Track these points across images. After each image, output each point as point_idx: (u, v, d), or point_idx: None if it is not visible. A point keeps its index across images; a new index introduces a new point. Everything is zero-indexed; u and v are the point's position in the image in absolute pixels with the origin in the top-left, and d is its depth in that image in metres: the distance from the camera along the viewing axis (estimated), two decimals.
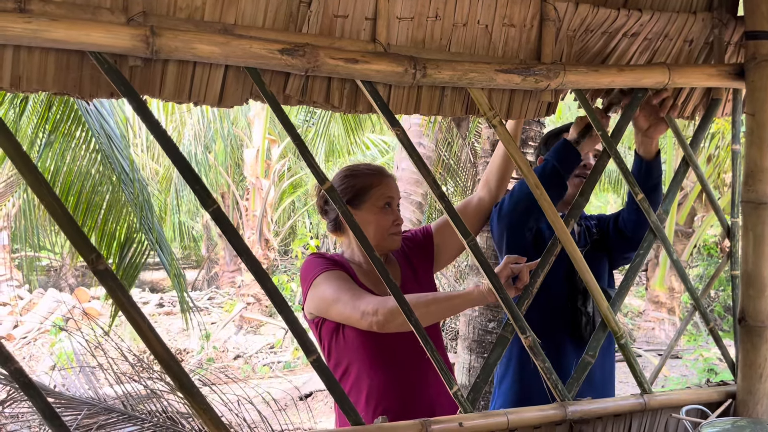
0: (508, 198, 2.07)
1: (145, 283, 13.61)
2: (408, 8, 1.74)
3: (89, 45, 1.40)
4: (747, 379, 1.95)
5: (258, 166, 11.70)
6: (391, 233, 1.97)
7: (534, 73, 1.79)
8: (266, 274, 1.52)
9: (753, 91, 1.92)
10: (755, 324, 1.92)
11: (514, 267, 1.77)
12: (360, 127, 9.03)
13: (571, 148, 2.01)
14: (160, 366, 1.46)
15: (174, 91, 1.55)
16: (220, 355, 9.43)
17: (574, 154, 2.01)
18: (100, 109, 3.88)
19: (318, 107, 1.74)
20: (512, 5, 1.84)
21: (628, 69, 1.92)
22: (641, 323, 9.70)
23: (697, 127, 2.11)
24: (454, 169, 7.19)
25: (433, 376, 1.84)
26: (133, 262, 4.37)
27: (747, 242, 1.93)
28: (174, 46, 1.45)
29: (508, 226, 2.07)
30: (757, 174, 1.91)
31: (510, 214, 2.05)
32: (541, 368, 1.79)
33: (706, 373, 6.85)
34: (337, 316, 1.89)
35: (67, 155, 4.05)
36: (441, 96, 1.82)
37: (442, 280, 8.14)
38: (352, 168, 2.02)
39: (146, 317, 1.41)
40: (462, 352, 3.48)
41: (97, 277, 1.38)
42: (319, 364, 1.55)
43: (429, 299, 1.82)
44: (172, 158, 1.50)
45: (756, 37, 1.92)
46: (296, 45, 1.56)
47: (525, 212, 2.02)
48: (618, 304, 1.95)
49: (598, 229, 2.29)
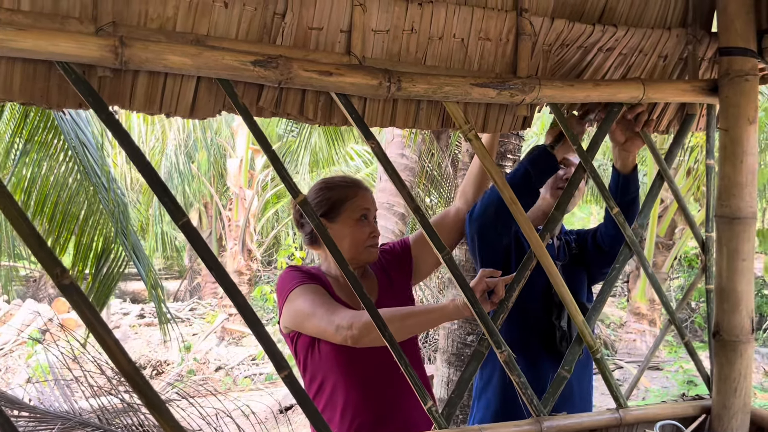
0: (479, 202, 2.06)
1: (126, 294, 13.46)
2: (383, 21, 1.74)
3: (57, 55, 1.38)
4: (722, 393, 1.95)
5: (241, 176, 11.65)
6: (367, 246, 1.95)
7: (509, 87, 1.79)
8: (237, 289, 1.50)
9: (726, 106, 1.94)
10: (729, 338, 1.92)
11: (489, 281, 1.76)
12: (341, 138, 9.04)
13: (547, 154, 2.00)
14: (127, 382, 1.42)
15: (144, 102, 1.53)
16: (200, 367, 9.32)
17: (549, 158, 2.01)
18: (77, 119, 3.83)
19: (292, 119, 1.72)
20: (488, 19, 1.84)
21: (604, 84, 1.93)
22: (623, 335, 9.75)
23: (672, 142, 2.12)
24: (438, 180, 7.20)
25: (409, 391, 1.82)
26: (110, 272, 4.32)
27: (721, 257, 1.94)
28: (144, 56, 1.43)
29: (478, 229, 2.06)
30: (731, 189, 1.91)
31: (480, 217, 2.04)
32: (516, 383, 1.78)
33: (686, 385, 6.88)
34: (312, 330, 1.87)
35: (44, 164, 4.00)
36: (417, 109, 1.81)
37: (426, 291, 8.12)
38: (327, 180, 2.01)
39: (112, 332, 1.38)
40: (441, 365, 3.46)
41: (62, 291, 1.35)
42: (291, 380, 1.53)
43: (405, 313, 1.80)
44: (140, 170, 1.47)
45: (729, 54, 1.93)
46: (269, 57, 1.54)
47: (495, 215, 2.00)
48: (594, 319, 1.95)
49: (578, 244, 2.29)
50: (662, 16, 2.04)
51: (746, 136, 1.91)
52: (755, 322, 1.95)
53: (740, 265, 1.92)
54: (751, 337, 1.93)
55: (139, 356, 9.47)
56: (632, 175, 2.08)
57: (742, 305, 1.92)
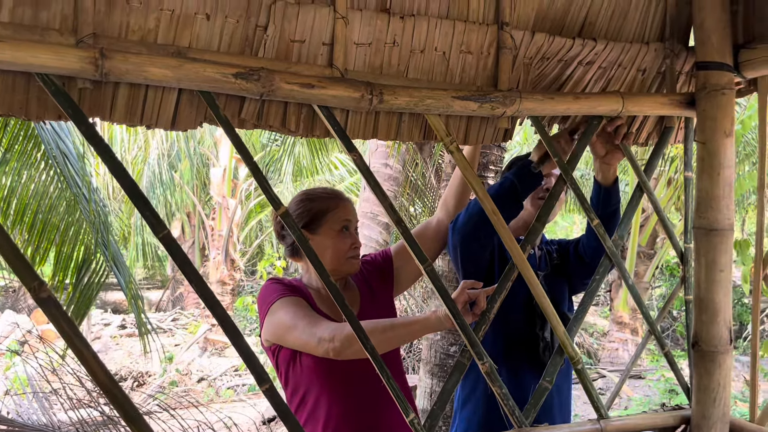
0: (463, 213, 2.07)
1: (108, 304, 13.31)
2: (366, 34, 1.75)
3: (36, 66, 1.37)
4: (701, 403, 1.97)
5: (225, 186, 11.60)
6: (349, 257, 1.95)
7: (490, 100, 1.80)
8: (217, 301, 1.49)
9: (703, 120, 1.97)
10: (708, 349, 1.94)
11: (471, 292, 1.76)
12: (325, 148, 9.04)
13: (534, 169, 2.02)
14: (105, 396, 1.41)
15: (125, 114, 1.53)
16: (183, 379, 9.23)
17: (535, 175, 2.02)
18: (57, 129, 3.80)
19: (274, 131, 1.72)
20: (469, 33, 1.85)
21: (583, 97, 1.95)
22: (605, 344, 9.81)
23: (651, 154, 2.15)
24: (422, 189, 7.22)
25: (391, 403, 1.81)
26: (90, 282, 4.27)
27: (699, 268, 1.96)
28: (124, 68, 1.43)
29: (461, 240, 2.06)
30: (708, 201, 1.94)
31: (463, 228, 2.04)
32: (498, 394, 1.78)
33: (668, 394, 6.94)
34: (293, 342, 1.86)
35: (24, 174, 3.96)
36: (399, 121, 1.82)
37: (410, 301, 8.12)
38: (308, 192, 2.00)
39: (90, 346, 1.37)
40: (424, 376, 3.46)
41: (40, 305, 1.33)
42: (272, 394, 1.52)
43: (386, 325, 1.80)
44: (121, 182, 1.46)
45: (706, 68, 1.96)
46: (251, 69, 1.54)
47: (478, 226, 2.01)
48: (575, 330, 1.96)
49: (559, 254, 2.30)
50: (641, 30, 2.07)
51: (723, 149, 1.94)
52: (736, 330, 1.97)
53: (718, 276, 1.94)
54: (730, 347, 1.96)
55: (120, 367, 9.37)
56: (613, 187, 2.10)
57: (720, 316, 1.94)
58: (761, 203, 2.06)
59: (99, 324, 11.44)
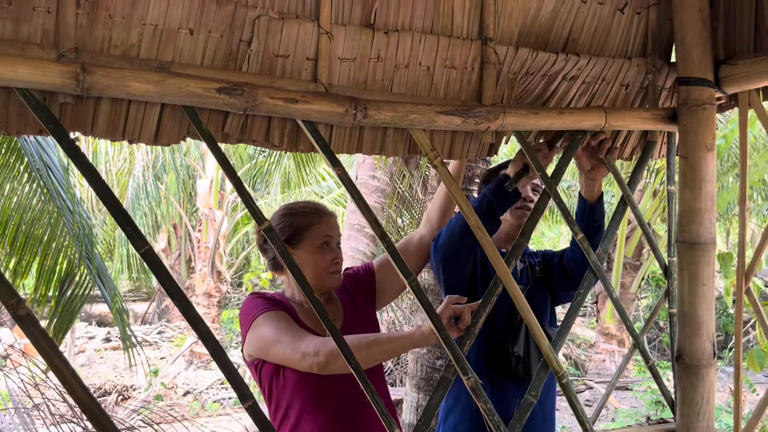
0: (444, 231, 2.07)
1: (92, 317, 13.16)
2: (350, 49, 1.75)
3: (16, 81, 1.36)
4: (685, 417, 1.97)
5: (211, 197, 11.54)
6: (330, 272, 1.94)
7: (474, 115, 1.81)
8: (200, 318, 1.48)
9: (685, 134, 1.99)
10: (692, 362, 1.95)
11: (456, 307, 1.76)
12: (311, 160, 9.03)
13: (508, 188, 2.02)
14: (85, 414, 1.39)
15: (107, 129, 1.51)
16: (168, 392, 9.13)
17: (511, 193, 2.03)
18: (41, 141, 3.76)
19: (258, 146, 1.72)
20: (453, 48, 1.86)
21: (567, 111, 1.96)
22: (592, 355, 9.83)
23: (634, 168, 2.17)
24: (410, 201, 7.23)
25: (375, 418, 1.80)
26: (74, 295, 4.22)
27: (682, 281, 1.97)
28: (106, 83, 1.42)
29: (442, 259, 2.06)
30: (691, 215, 1.96)
31: (443, 247, 2.04)
32: (483, 409, 1.78)
33: (654, 405, 6.95)
34: (277, 357, 1.84)
35: (6, 186, 3.91)
36: (383, 136, 1.82)
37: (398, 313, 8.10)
38: (290, 206, 2.00)
39: (70, 364, 1.35)
40: (410, 390, 3.44)
41: (18, 323, 1.31)
42: (255, 411, 1.50)
43: (371, 341, 1.79)
44: (102, 197, 1.45)
45: (687, 83, 1.99)
46: (234, 84, 1.54)
47: (457, 245, 2.01)
48: (560, 344, 1.96)
49: (542, 267, 2.30)
50: (623, 45, 2.09)
51: (704, 163, 1.96)
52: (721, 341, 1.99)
53: (700, 290, 1.95)
54: (713, 360, 1.97)
55: (105, 381, 9.26)
56: (598, 203, 2.11)
57: (703, 329, 1.95)
58: (743, 217, 2.08)
59: (83, 337, 11.31)
